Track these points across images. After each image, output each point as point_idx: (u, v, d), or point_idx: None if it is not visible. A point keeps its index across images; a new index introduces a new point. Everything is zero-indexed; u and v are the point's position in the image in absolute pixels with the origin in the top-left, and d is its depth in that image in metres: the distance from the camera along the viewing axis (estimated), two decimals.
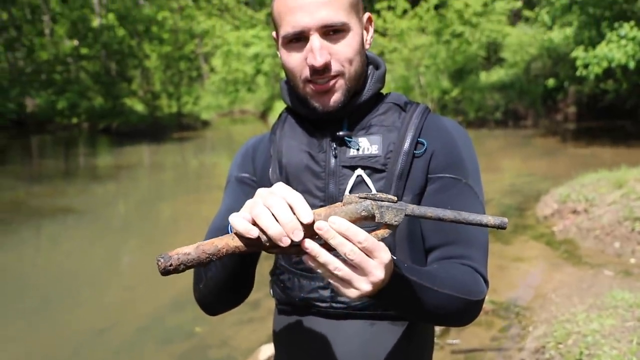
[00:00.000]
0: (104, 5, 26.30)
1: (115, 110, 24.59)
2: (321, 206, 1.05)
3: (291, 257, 1.15)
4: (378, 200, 0.79)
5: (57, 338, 4.06)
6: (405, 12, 20.72)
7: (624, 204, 5.43)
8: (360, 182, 1.08)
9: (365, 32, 1.11)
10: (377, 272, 0.77)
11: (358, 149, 1.08)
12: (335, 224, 0.76)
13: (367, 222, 0.80)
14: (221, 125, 26.53)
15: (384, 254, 0.77)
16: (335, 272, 0.76)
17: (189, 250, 0.77)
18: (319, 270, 0.78)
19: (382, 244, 0.78)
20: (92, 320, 4.35)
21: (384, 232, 0.80)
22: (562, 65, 16.39)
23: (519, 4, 20.30)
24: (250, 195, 1.15)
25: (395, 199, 0.80)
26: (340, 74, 1.04)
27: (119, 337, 4.01)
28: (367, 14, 1.11)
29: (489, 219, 0.79)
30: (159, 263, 0.76)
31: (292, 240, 0.75)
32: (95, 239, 6.90)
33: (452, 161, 1.09)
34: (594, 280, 4.29)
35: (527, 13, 20.13)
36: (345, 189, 1.08)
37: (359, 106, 1.10)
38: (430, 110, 1.16)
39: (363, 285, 0.77)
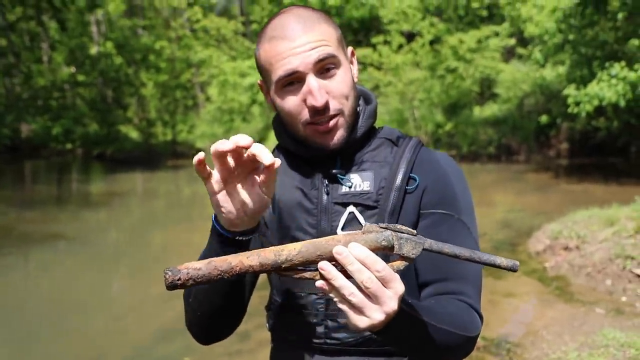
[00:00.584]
0: (102, 33, 26.61)
1: (110, 137, 24.65)
2: None
3: (286, 293, 1.14)
4: (398, 232, 0.80)
5: None
6: (400, 46, 21.05)
7: (615, 242, 5.45)
8: (352, 218, 1.08)
9: (352, 66, 1.12)
10: (392, 302, 0.77)
11: (350, 186, 1.08)
12: (355, 251, 0.76)
13: (383, 252, 0.80)
14: None
15: (399, 286, 0.78)
16: (350, 297, 0.76)
17: (200, 265, 0.76)
18: (331, 295, 0.77)
19: (397, 276, 0.78)
20: (79, 350, 4.28)
21: (400, 264, 0.80)
22: (555, 102, 16.62)
23: (513, 42, 20.68)
24: None
25: (415, 232, 0.80)
26: (339, 113, 1.04)
27: None
28: (349, 48, 1.13)
29: (502, 260, 0.81)
30: (167, 276, 0.75)
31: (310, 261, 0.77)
32: (85, 266, 6.83)
33: (444, 197, 1.09)
34: (585, 318, 4.28)
35: (520, 50, 20.50)
36: (337, 226, 1.08)
37: (352, 143, 1.10)
38: (423, 144, 1.16)
39: (376, 315, 0.77)
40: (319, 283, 0.77)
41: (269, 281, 1.24)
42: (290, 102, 1.04)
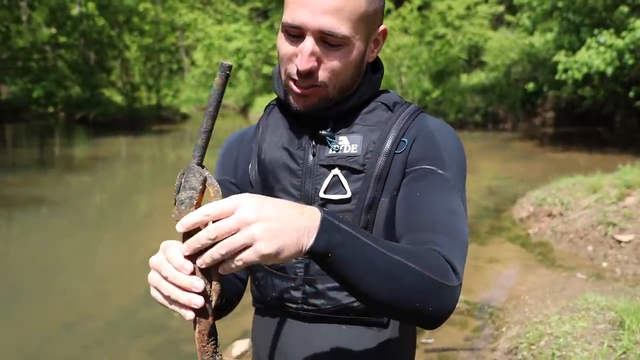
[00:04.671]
0: None
1: (93, 100, 24.20)
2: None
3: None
4: (178, 190, 0.78)
5: (25, 330, 3.97)
6: (388, 12, 20.78)
7: (598, 209, 5.50)
8: (336, 182, 1.03)
9: (372, 45, 1.06)
10: (242, 213, 0.71)
11: (337, 149, 1.03)
12: (180, 228, 0.74)
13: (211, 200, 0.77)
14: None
15: (235, 198, 0.73)
16: (223, 252, 0.71)
17: None
18: (229, 269, 0.74)
19: (227, 198, 0.73)
20: (63, 313, 4.27)
21: (210, 191, 0.77)
22: (542, 70, 16.61)
23: (501, 9, 20.53)
24: None
25: (182, 170, 0.79)
26: (322, 85, 0.99)
27: (89, 331, 3.94)
28: (382, 26, 1.06)
29: (215, 80, 0.79)
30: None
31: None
32: (69, 230, 6.77)
33: (429, 153, 1.03)
34: (567, 283, 4.34)
35: (509, 18, 20.36)
36: (321, 189, 1.04)
37: (346, 110, 1.06)
38: (422, 111, 1.10)
39: (248, 233, 0.71)
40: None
41: None
42: (285, 49, 1.00)
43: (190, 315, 0.76)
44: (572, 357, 2.82)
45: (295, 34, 0.97)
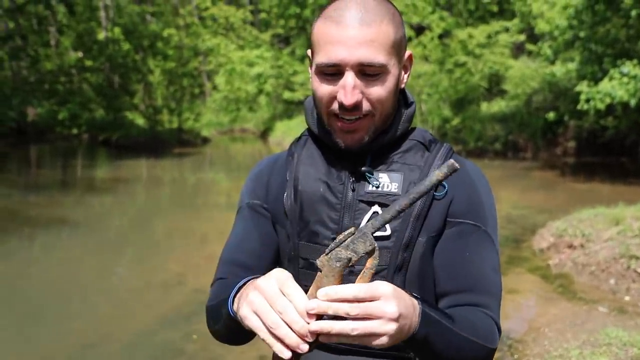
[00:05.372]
0: (110, 19, 26.57)
1: (116, 122, 24.63)
2: (333, 238, 1.05)
3: None
4: (340, 244, 0.79)
5: (45, 351, 4.00)
6: (409, 39, 20.93)
7: (620, 241, 5.42)
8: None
9: (403, 72, 1.08)
10: (387, 307, 0.76)
11: (377, 186, 1.06)
12: (324, 296, 0.75)
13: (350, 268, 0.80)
14: (221, 143, 26.57)
15: (384, 287, 0.76)
16: (354, 333, 0.75)
17: None
18: (343, 340, 0.77)
19: (375, 283, 0.76)
20: (82, 334, 4.30)
21: (372, 263, 0.79)
22: (563, 99, 16.52)
23: (522, 38, 20.55)
24: (262, 224, 1.16)
25: (353, 229, 0.79)
26: (369, 114, 1.02)
27: (108, 353, 3.96)
28: (408, 52, 1.08)
29: (437, 173, 0.80)
30: None
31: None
32: (89, 251, 6.85)
33: (473, 208, 1.08)
34: (588, 317, 4.27)
35: (530, 47, 20.37)
36: (359, 224, 1.06)
37: (385, 145, 1.09)
38: (454, 152, 1.14)
39: (385, 327, 0.76)
40: (325, 339, 0.77)
41: None
42: (324, 90, 1.02)
43: (287, 355, 0.78)
44: None
45: (333, 72, 1.00)
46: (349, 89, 0.98)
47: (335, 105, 1.01)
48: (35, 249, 7.15)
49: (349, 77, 0.98)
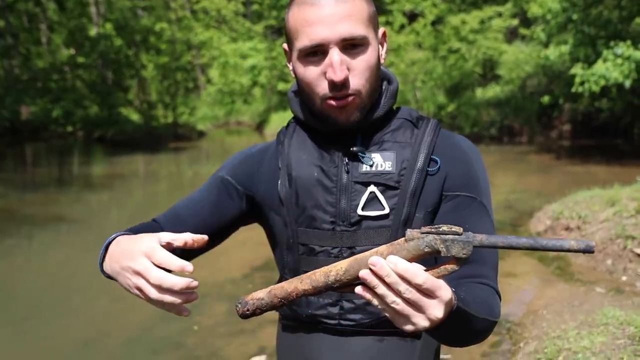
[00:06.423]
0: (102, 15, 26.41)
1: (111, 119, 24.56)
2: (332, 222, 1.06)
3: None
4: (442, 234, 0.77)
5: (45, 347, 4.01)
6: (402, 27, 20.90)
7: (616, 222, 5.44)
8: (372, 198, 1.06)
9: (380, 47, 1.10)
10: (436, 311, 0.75)
11: (371, 165, 1.07)
12: (392, 263, 0.74)
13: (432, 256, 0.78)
14: (217, 136, 26.53)
15: (445, 293, 0.76)
16: (392, 305, 0.75)
17: (262, 295, 0.84)
18: (374, 302, 0.76)
19: (442, 283, 0.76)
20: (81, 330, 4.31)
21: (453, 267, 0.78)
22: (557, 82, 16.52)
23: (515, 22, 20.51)
24: (225, 200, 1.19)
25: (461, 230, 0.77)
26: (356, 93, 1.02)
27: (107, 348, 3.97)
28: (382, 29, 1.10)
29: (571, 243, 0.73)
30: (237, 308, 0.85)
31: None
32: (87, 248, 6.85)
33: (468, 181, 1.09)
34: (585, 298, 4.29)
35: (523, 31, 20.34)
36: (357, 205, 1.06)
37: (373, 122, 1.09)
38: (441, 127, 1.15)
39: (420, 322, 0.76)
40: (359, 289, 0.77)
41: (276, 261, 1.22)
42: (311, 73, 1.02)
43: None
44: None
45: (317, 51, 1.00)
46: (336, 65, 0.98)
47: (325, 86, 1.02)
48: (34, 247, 7.14)
49: (335, 54, 0.99)
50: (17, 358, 3.87)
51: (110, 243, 1.02)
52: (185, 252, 1.12)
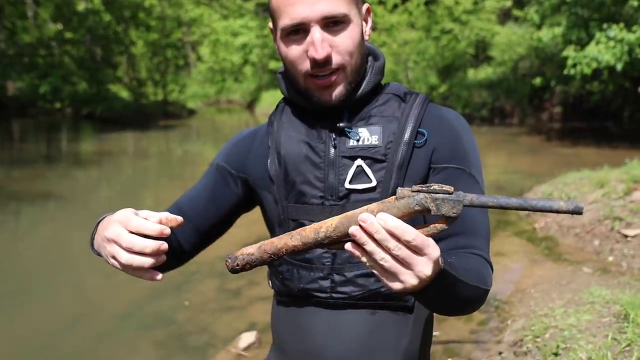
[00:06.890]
0: None
1: (100, 96, 24.28)
2: (321, 196, 1.08)
3: None
4: (432, 193, 0.77)
5: (35, 324, 4.01)
6: (395, 6, 20.74)
7: (604, 203, 5.49)
8: (360, 172, 1.07)
9: (364, 24, 1.10)
10: (425, 267, 0.75)
11: (358, 140, 1.07)
12: (381, 220, 0.74)
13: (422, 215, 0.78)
14: (207, 115, 26.36)
15: (433, 251, 0.76)
16: (381, 262, 0.75)
17: (252, 250, 0.84)
18: (363, 259, 0.76)
19: (431, 241, 0.76)
20: (71, 306, 4.31)
21: (442, 226, 0.78)
22: (550, 65, 16.53)
23: (509, 3, 20.42)
24: (221, 187, 1.21)
25: (452, 189, 0.77)
26: (341, 68, 1.03)
27: (98, 324, 3.97)
28: (366, 5, 1.10)
29: (560, 204, 0.73)
30: (227, 263, 0.85)
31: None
32: (76, 224, 6.82)
33: (456, 152, 1.09)
34: (572, 277, 4.34)
35: (516, 13, 20.27)
36: (345, 179, 1.07)
37: (359, 98, 1.10)
38: (430, 101, 1.15)
39: (409, 279, 0.76)
40: (348, 246, 0.77)
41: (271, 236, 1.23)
42: (293, 52, 1.03)
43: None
44: (576, 349, 2.82)
45: (298, 30, 1.01)
46: (318, 43, 0.99)
47: (307, 64, 1.02)
48: (22, 223, 7.10)
49: (316, 32, 0.99)
50: (6, 334, 3.86)
51: (99, 223, 1.06)
52: (196, 243, 1.23)
